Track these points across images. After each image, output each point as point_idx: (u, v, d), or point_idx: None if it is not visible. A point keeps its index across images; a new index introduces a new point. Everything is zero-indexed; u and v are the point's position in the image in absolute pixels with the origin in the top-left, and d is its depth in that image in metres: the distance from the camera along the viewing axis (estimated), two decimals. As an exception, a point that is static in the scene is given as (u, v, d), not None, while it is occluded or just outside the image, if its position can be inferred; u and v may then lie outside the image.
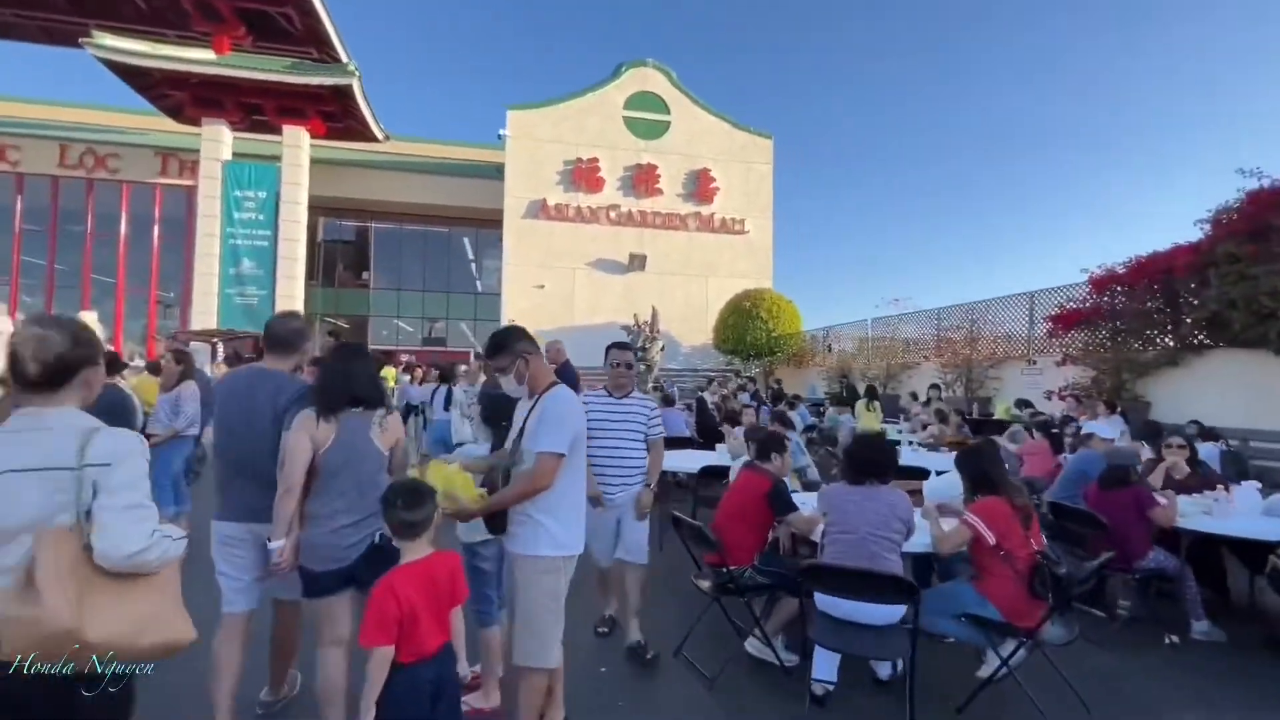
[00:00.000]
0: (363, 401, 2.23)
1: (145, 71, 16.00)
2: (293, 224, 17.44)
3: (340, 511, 2.15)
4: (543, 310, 18.67)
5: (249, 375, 2.38)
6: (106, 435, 1.33)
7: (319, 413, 2.15)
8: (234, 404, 2.31)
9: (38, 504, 1.24)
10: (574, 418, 2.20)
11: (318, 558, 2.14)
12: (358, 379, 2.26)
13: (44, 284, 19.54)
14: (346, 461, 2.17)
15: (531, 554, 2.14)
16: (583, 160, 19.11)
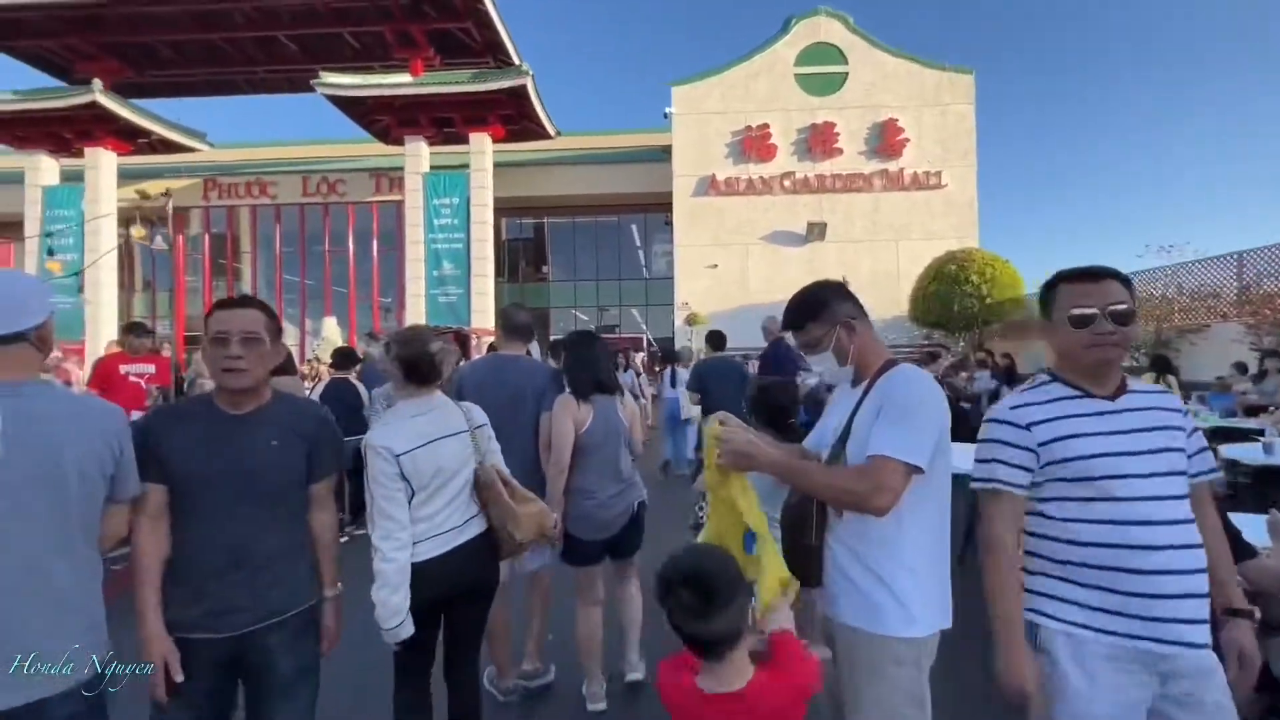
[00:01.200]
0: (606, 385, 2.49)
1: (360, 100, 18.08)
2: (481, 225, 18.72)
3: (604, 484, 2.39)
4: (716, 291, 18.04)
5: (495, 361, 2.65)
6: (472, 406, 2.07)
7: (577, 396, 2.41)
8: (491, 387, 2.50)
9: (458, 454, 1.91)
10: (938, 413, 1.42)
11: (589, 528, 2.40)
12: (602, 365, 2.51)
13: (299, 298, 23.32)
14: (605, 439, 2.42)
15: (871, 631, 1.38)
16: (752, 128, 18.02)
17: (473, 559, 1.91)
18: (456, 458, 1.90)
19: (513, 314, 2.70)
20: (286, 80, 21.01)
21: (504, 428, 2.26)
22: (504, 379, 2.52)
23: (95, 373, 4.51)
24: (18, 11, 17.58)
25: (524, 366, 2.57)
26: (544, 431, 2.43)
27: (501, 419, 2.28)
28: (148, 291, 24.27)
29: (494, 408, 2.27)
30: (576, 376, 2.43)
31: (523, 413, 2.47)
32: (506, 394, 2.47)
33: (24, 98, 18.37)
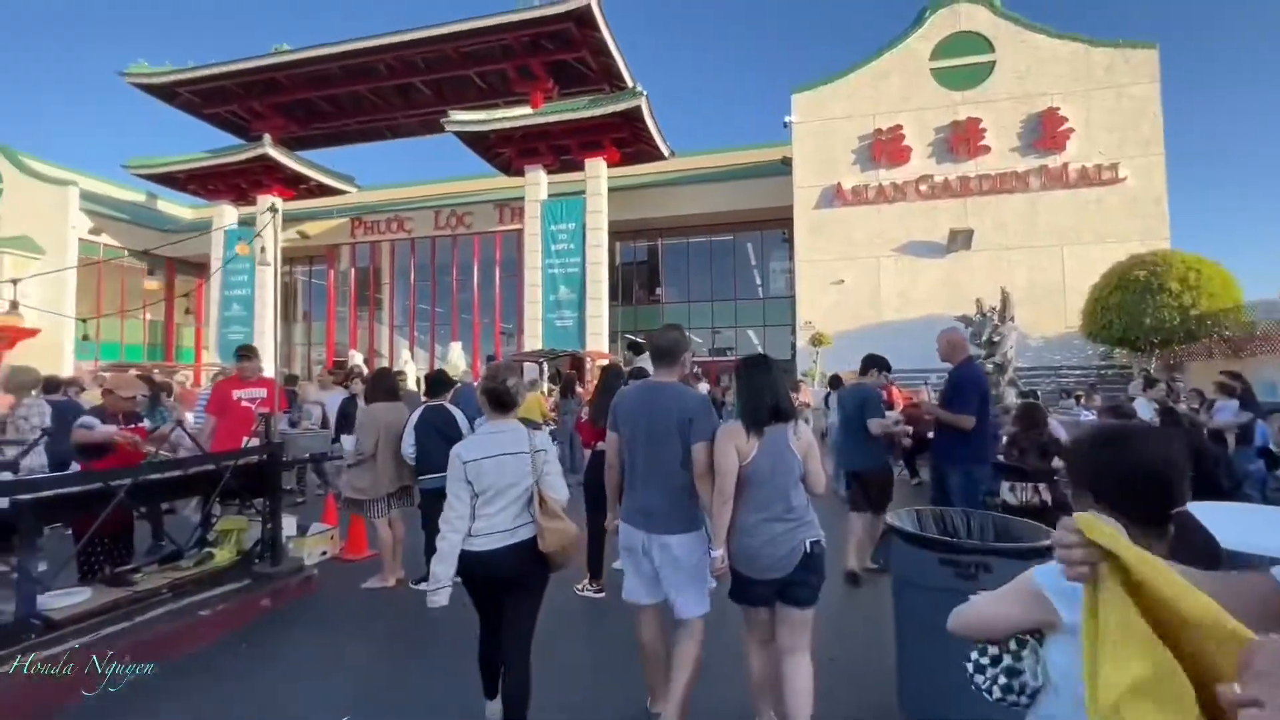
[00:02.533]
0: (781, 414, 2.33)
1: (484, 135, 18.92)
2: (596, 248, 18.74)
3: (771, 520, 2.25)
4: (844, 308, 16.60)
5: (646, 388, 2.53)
6: (540, 434, 2.50)
7: (746, 426, 2.30)
8: (639, 415, 2.47)
9: (516, 470, 2.34)
10: None
11: (757, 566, 2.25)
12: (776, 391, 2.36)
13: (429, 325, 24.76)
14: (773, 471, 2.27)
15: None
16: (882, 131, 16.57)
17: (519, 557, 2.31)
18: (514, 472, 2.33)
19: (659, 338, 2.56)
20: (421, 123, 22.62)
21: (655, 454, 2.39)
22: (654, 405, 2.44)
23: (212, 397, 4.48)
24: (212, 82, 20.39)
25: (674, 393, 2.46)
26: (699, 461, 2.33)
27: (652, 445, 2.40)
28: (304, 321, 26.93)
29: (645, 434, 2.42)
30: (750, 404, 2.32)
31: (671, 440, 2.37)
32: (657, 421, 2.41)
33: (212, 155, 21.21)
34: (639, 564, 2.42)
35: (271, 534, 3.86)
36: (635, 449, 2.44)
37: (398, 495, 4.15)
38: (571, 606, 3.86)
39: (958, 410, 3.82)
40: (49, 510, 2.84)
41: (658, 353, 2.53)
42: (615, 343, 22.13)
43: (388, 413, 4.10)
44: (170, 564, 3.71)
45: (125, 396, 4.09)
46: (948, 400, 3.93)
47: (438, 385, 4.32)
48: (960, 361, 4.02)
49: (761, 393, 2.29)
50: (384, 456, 4.01)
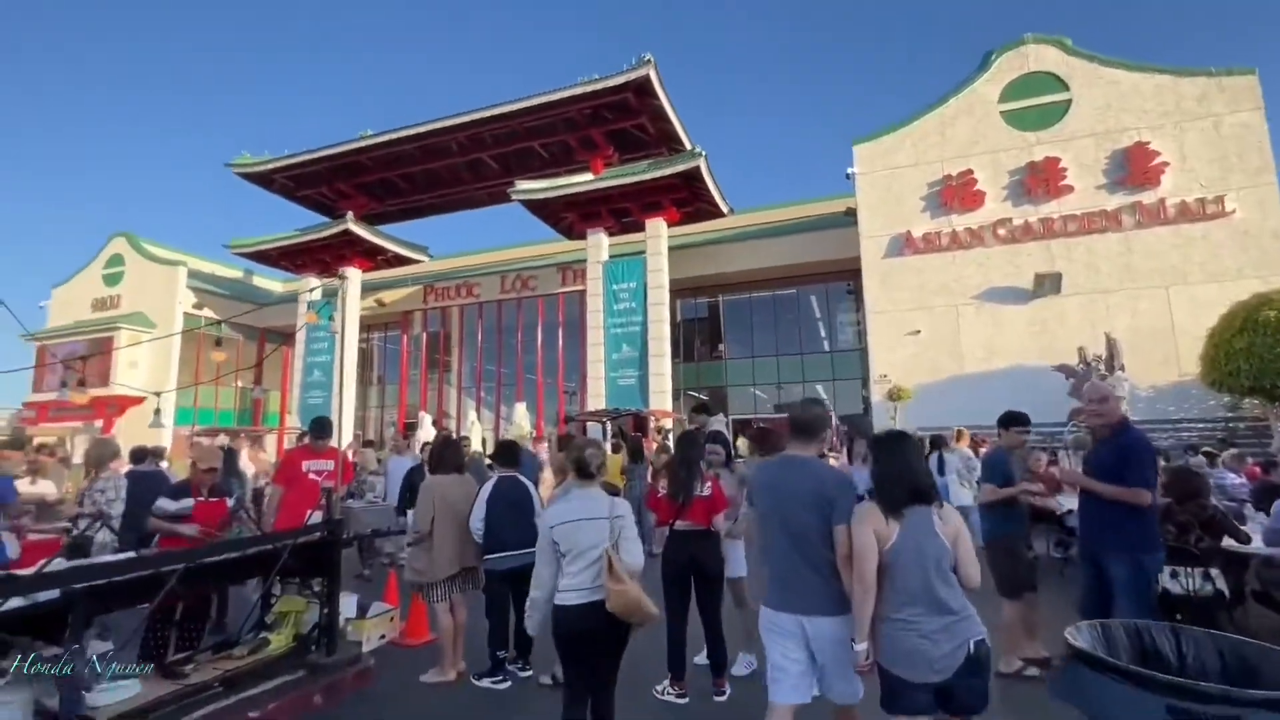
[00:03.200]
0: (922, 495, 2.15)
1: (548, 203, 19.58)
2: (657, 306, 18.69)
3: (922, 613, 2.05)
4: (922, 360, 15.66)
5: (785, 464, 2.45)
6: (619, 501, 2.74)
7: (884, 508, 2.13)
8: (778, 492, 2.41)
9: (596, 534, 2.56)
10: None
11: (911, 666, 2.03)
12: (917, 471, 2.21)
13: (495, 386, 25.21)
14: (917, 558, 2.08)
15: None
16: (952, 177, 15.99)
17: (599, 614, 2.47)
18: (595, 536, 2.57)
19: (801, 412, 2.50)
20: (489, 195, 23.76)
21: (800, 533, 2.30)
22: (795, 482, 2.38)
23: (281, 467, 4.40)
24: (304, 167, 22.25)
25: (814, 470, 2.40)
26: (840, 544, 2.22)
27: (796, 524, 2.31)
28: (379, 384, 28.01)
29: (786, 511, 2.35)
30: (886, 484, 2.19)
31: (815, 519, 2.28)
32: (799, 498, 2.34)
33: (301, 233, 22.91)
34: (787, 652, 2.24)
35: (328, 620, 3.60)
36: (775, 526, 2.37)
37: (460, 577, 3.84)
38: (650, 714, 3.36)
39: (1133, 482, 3.04)
40: (101, 599, 2.68)
41: (800, 427, 2.46)
42: (678, 400, 21.72)
43: (450, 487, 3.86)
44: (224, 652, 3.50)
45: (205, 469, 4.06)
46: (1112, 470, 3.17)
47: (508, 456, 4.07)
48: (1117, 421, 3.34)
49: (899, 472, 2.14)
50: (444, 535, 3.73)
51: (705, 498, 3.43)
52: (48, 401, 26.00)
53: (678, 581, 3.42)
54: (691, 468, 3.48)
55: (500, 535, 3.75)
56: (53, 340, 26.44)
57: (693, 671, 3.57)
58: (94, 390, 24.86)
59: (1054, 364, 13.29)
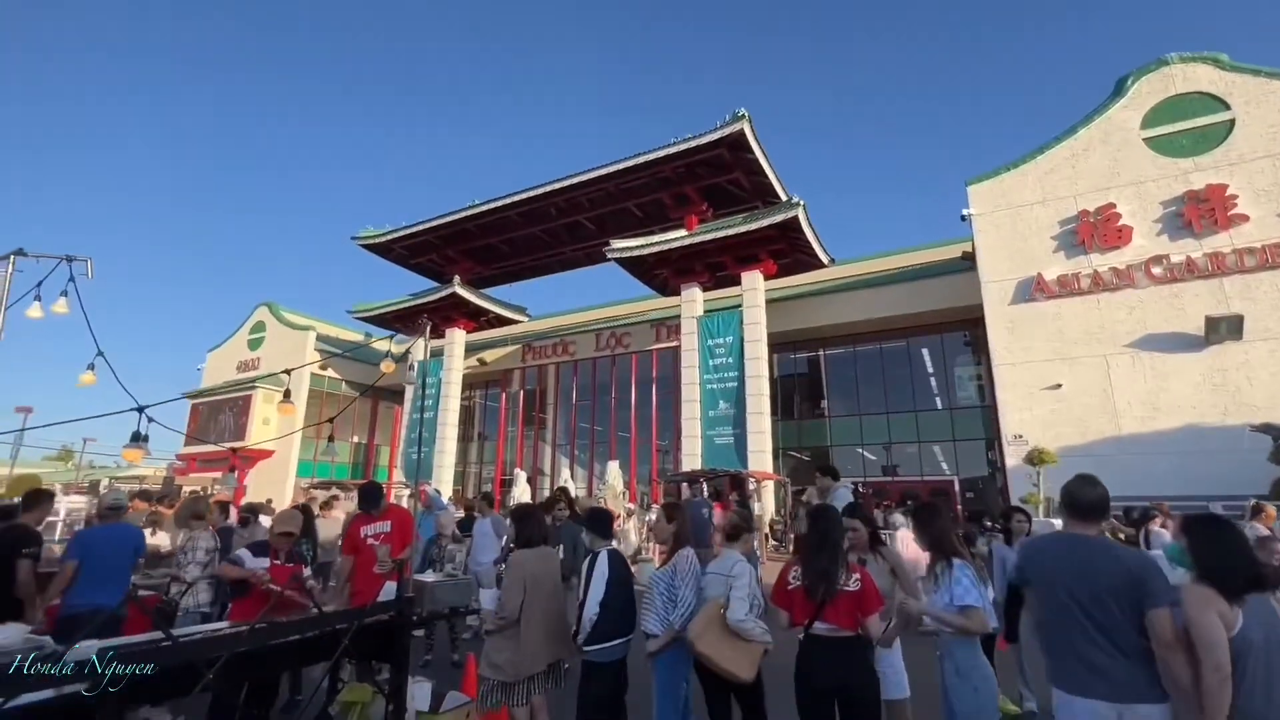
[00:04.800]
0: (1261, 581, 2.04)
1: (642, 259, 19.63)
2: (755, 361, 17.87)
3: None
4: (1065, 418, 13.66)
5: (1071, 542, 2.32)
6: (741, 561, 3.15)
7: (1224, 592, 1.98)
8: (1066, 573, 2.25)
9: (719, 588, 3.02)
10: None
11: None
12: (1250, 556, 2.11)
13: (589, 444, 25.05)
14: (1268, 647, 1.94)
15: None
16: (1089, 212, 14.30)
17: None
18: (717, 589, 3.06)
19: (1083, 492, 2.35)
20: (585, 255, 24.34)
21: (1101, 616, 2.13)
22: (1086, 563, 2.20)
23: (345, 537, 4.09)
24: (417, 237, 23.95)
25: (1110, 550, 2.26)
26: (1164, 630, 2.01)
27: (1094, 607, 2.16)
28: (479, 441, 28.73)
29: (1077, 596, 2.19)
30: (1221, 568, 2.00)
31: (1116, 602, 2.11)
32: (1093, 580, 2.17)
33: (413, 298, 24.45)
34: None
35: (397, 714, 3.09)
36: (1063, 610, 2.21)
37: (544, 674, 3.23)
38: None
39: None
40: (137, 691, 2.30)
41: (1083, 508, 2.35)
42: (777, 460, 20.42)
43: (538, 561, 3.32)
44: (282, 749, 3.06)
45: (281, 532, 3.81)
46: None
47: (606, 527, 3.51)
48: None
49: (1238, 554, 2.03)
50: (533, 621, 3.17)
51: (852, 592, 2.65)
52: (196, 454, 28.85)
53: (815, 709, 2.61)
54: (835, 552, 2.73)
55: (614, 620, 3.17)
56: (203, 399, 29.58)
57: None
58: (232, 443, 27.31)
59: (1245, 422, 11.04)
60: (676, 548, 3.27)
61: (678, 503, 3.45)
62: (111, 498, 4.49)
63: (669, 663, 3.08)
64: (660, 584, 3.20)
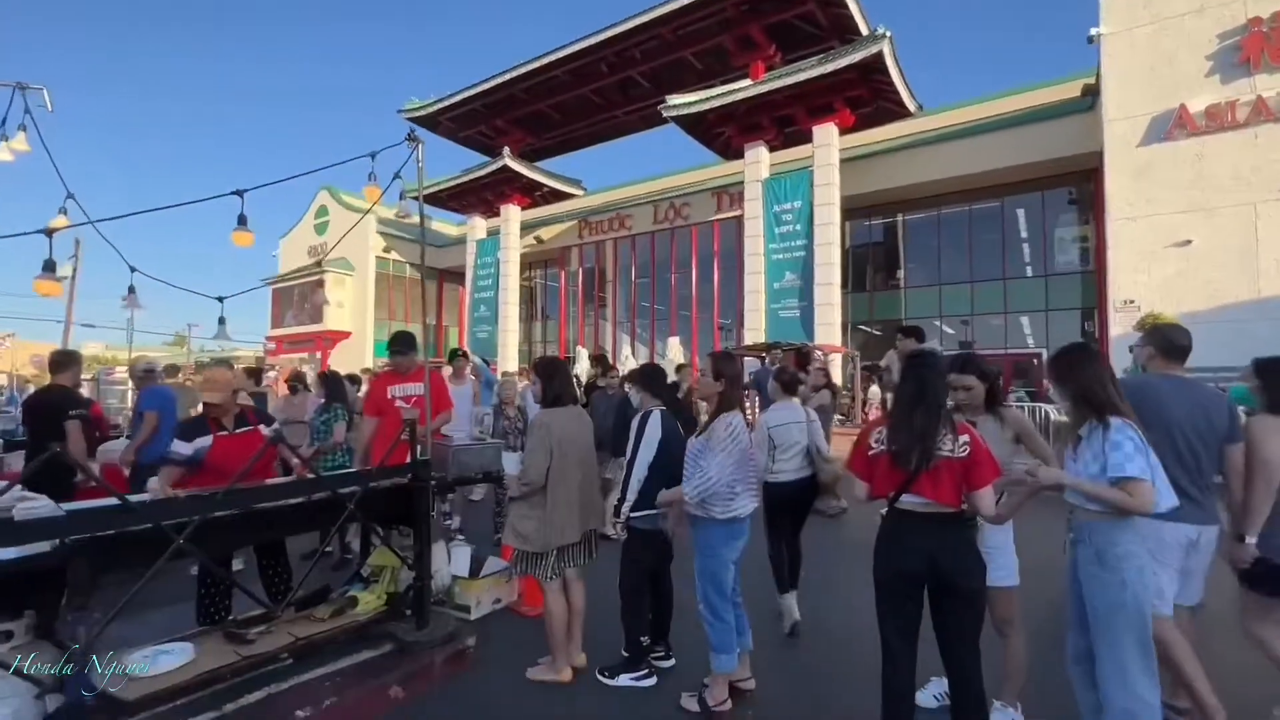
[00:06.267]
0: None
1: (702, 117, 17.82)
2: (826, 227, 16.40)
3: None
4: (1191, 281, 11.89)
5: (1180, 384, 2.56)
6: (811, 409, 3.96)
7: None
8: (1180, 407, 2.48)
9: (800, 432, 3.67)
10: None
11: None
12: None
13: (649, 322, 24.67)
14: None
15: None
16: (1262, 20, 11.41)
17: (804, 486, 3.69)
18: (799, 434, 3.67)
19: (1178, 334, 2.65)
20: (641, 118, 22.45)
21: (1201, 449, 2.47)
22: (1196, 404, 2.49)
23: (368, 396, 3.78)
24: (464, 106, 22.68)
25: (1214, 393, 2.59)
26: (1239, 461, 2.47)
27: (1199, 439, 2.47)
28: (541, 320, 28.98)
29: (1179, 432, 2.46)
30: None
31: (1213, 435, 2.48)
32: (1200, 415, 2.48)
33: (465, 174, 23.67)
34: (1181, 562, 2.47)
35: (418, 585, 2.86)
36: (1168, 443, 2.40)
37: (577, 547, 2.89)
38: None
39: None
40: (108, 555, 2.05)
41: (1181, 351, 2.61)
42: (846, 334, 19.40)
43: (568, 422, 2.88)
44: (307, 611, 2.91)
45: (215, 400, 3.17)
46: None
47: (662, 380, 3.02)
48: None
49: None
50: (563, 489, 2.78)
51: (958, 459, 2.04)
52: (283, 335, 30.69)
53: (901, 596, 2.11)
54: (934, 408, 2.09)
55: (662, 486, 2.77)
56: (281, 284, 30.90)
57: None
58: (312, 326, 28.79)
59: None
60: (720, 411, 2.68)
61: (730, 353, 2.82)
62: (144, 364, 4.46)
63: (708, 544, 2.67)
64: (689, 455, 2.69)
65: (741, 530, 2.68)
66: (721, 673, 2.57)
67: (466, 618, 3.41)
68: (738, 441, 2.60)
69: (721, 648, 2.57)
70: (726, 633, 2.57)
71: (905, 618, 2.11)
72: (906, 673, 2.10)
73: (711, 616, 2.61)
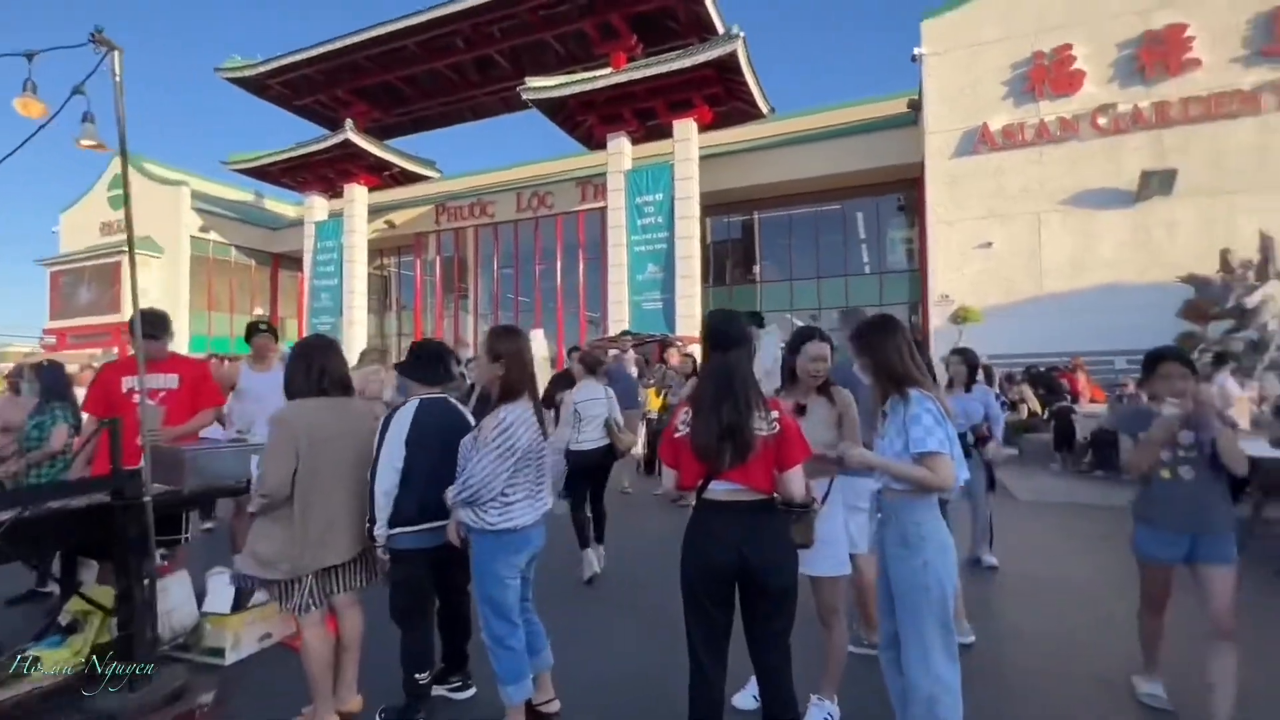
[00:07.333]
0: None
1: (564, 103, 17.34)
2: (687, 220, 16.70)
3: None
4: (994, 278, 13.52)
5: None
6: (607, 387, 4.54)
7: None
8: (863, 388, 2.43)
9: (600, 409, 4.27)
10: None
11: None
12: None
13: (513, 314, 23.76)
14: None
15: None
16: (1044, 54, 13.23)
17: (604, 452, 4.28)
18: (601, 409, 4.24)
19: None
20: (501, 100, 21.47)
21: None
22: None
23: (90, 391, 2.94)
24: (297, 70, 20.21)
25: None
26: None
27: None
28: (397, 311, 26.85)
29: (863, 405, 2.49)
30: None
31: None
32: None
33: (300, 146, 21.16)
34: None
35: (124, 635, 2.17)
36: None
37: (343, 570, 2.36)
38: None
39: None
40: None
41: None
42: (708, 328, 19.98)
43: (321, 416, 2.31)
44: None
45: None
46: None
47: (431, 363, 2.49)
48: None
49: None
50: (315, 499, 2.23)
51: (765, 438, 1.82)
52: (66, 328, 25.64)
53: (709, 599, 1.86)
54: (742, 385, 1.86)
55: (423, 493, 2.25)
56: (64, 266, 25.80)
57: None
58: (109, 317, 24.30)
59: (1160, 280, 11.08)
60: (502, 400, 2.22)
61: (511, 328, 2.38)
62: None
63: (481, 560, 2.21)
64: (460, 454, 2.23)
65: (523, 542, 2.23)
66: (515, 705, 2.18)
67: (219, 663, 2.72)
68: (509, 439, 2.13)
69: (509, 678, 2.15)
70: (515, 660, 2.16)
71: (713, 626, 1.87)
72: (717, 687, 1.85)
73: (494, 644, 2.18)
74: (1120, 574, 4.21)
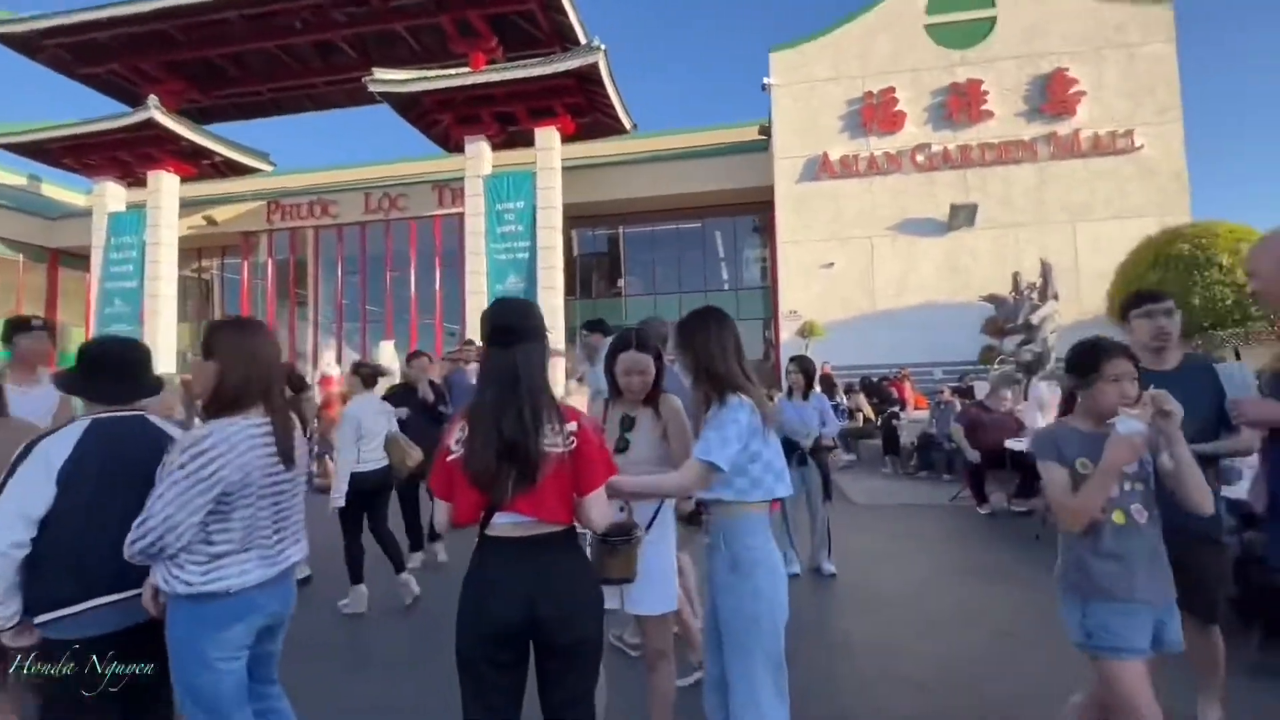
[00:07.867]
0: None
1: (417, 99, 16.24)
2: (549, 230, 16.27)
3: None
4: (834, 295, 14.57)
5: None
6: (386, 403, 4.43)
7: None
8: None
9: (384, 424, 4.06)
10: None
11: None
12: None
13: (359, 323, 21.75)
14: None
15: None
16: (873, 94, 14.63)
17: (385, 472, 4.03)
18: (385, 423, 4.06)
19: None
20: (346, 93, 19.71)
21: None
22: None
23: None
24: (84, 33, 17.05)
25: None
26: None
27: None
28: (216, 321, 23.44)
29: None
30: None
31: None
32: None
33: (87, 123, 17.82)
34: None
35: None
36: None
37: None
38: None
39: None
40: None
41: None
42: (573, 341, 19.66)
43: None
44: None
45: None
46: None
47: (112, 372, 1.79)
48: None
49: None
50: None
51: (558, 454, 1.45)
52: None
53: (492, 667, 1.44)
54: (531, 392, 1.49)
55: (81, 557, 1.56)
56: None
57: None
58: None
59: (969, 300, 12.55)
60: (216, 412, 1.61)
61: (241, 320, 1.81)
62: None
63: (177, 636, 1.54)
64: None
65: (243, 609, 1.57)
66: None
67: None
68: (207, 465, 1.49)
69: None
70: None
71: (500, 693, 1.45)
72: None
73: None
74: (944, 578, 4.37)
